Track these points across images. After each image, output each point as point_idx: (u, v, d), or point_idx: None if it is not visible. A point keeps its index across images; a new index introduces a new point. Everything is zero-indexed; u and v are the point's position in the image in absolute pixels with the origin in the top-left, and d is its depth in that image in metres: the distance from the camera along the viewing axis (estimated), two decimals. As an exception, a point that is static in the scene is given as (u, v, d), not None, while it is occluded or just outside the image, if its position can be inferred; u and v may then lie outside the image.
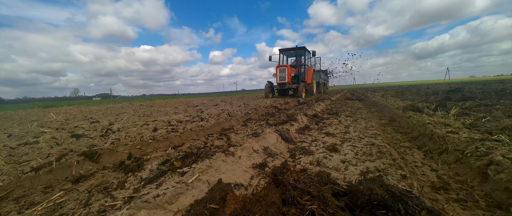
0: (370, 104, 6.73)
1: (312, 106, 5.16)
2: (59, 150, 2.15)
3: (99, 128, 3.29)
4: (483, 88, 9.27)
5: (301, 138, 2.51)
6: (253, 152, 1.77)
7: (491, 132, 2.20)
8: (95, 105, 13.97)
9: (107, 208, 1.13)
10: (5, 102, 57.78)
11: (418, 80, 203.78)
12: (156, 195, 1.06)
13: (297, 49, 12.14)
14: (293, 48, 12.18)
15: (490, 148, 1.65)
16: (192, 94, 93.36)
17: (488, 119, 2.82)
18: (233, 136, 2.54)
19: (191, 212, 0.99)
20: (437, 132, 2.25)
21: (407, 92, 9.99)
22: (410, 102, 5.21)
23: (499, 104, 4.02)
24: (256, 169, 1.53)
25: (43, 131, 3.22)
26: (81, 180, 1.62)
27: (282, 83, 11.20)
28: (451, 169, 1.69)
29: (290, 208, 0.97)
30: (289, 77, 10.99)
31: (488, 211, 1.15)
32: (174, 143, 2.52)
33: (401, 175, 1.35)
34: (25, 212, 1.20)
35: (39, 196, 1.41)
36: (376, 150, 1.88)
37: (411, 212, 0.90)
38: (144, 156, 2.12)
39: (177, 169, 1.48)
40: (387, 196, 0.97)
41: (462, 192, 1.34)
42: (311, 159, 1.78)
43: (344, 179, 1.39)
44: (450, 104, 4.44)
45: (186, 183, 1.18)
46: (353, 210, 1.00)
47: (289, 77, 10.99)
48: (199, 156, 1.69)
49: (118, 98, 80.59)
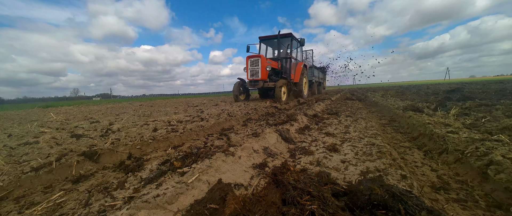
0: (370, 104, 6.73)
1: (312, 106, 5.16)
2: (59, 150, 2.15)
3: (99, 128, 3.29)
4: (483, 88, 9.26)
5: (301, 138, 2.51)
6: (253, 152, 1.77)
7: (491, 132, 2.20)
8: (95, 105, 13.97)
9: (107, 208, 1.13)
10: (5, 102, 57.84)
11: (418, 80, 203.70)
12: (156, 195, 1.06)
13: (280, 36, 9.06)
14: (276, 35, 9.12)
15: (490, 148, 1.65)
16: (192, 94, 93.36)
17: (488, 119, 2.82)
18: (233, 136, 2.54)
19: (191, 212, 0.99)
20: (437, 132, 2.25)
21: (407, 92, 9.99)
22: (410, 102, 5.21)
23: (499, 104, 4.02)
24: (256, 169, 1.53)
25: (43, 131, 3.22)
26: (81, 180, 1.62)
27: (254, 81, 8.06)
28: (451, 169, 1.69)
29: (290, 208, 0.97)
30: (264, 72, 7.86)
31: (488, 211, 1.15)
32: (174, 143, 2.52)
33: (401, 175, 1.35)
34: (25, 212, 1.20)
35: (39, 196, 1.41)
36: (376, 150, 1.88)
37: (411, 212, 0.90)
38: (144, 156, 2.12)
39: (177, 169, 1.48)
40: (387, 196, 0.97)
41: (462, 192, 1.34)
42: (311, 159, 1.78)
43: (344, 179, 1.39)
44: (450, 104, 4.44)
45: (186, 183, 1.18)
46: (353, 210, 1.00)
47: (264, 72, 7.84)
48: (199, 156, 1.69)
49: (118, 98, 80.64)
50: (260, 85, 7.97)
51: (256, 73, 7.97)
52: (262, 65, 7.88)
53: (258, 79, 7.94)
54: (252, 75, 8.09)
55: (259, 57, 7.93)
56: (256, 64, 7.96)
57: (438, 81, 73.83)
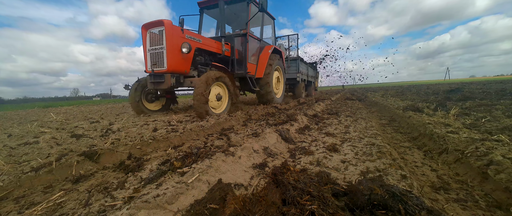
0: (370, 104, 6.73)
1: (312, 106, 5.17)
2: (59, 150, 2.15)
3: (99, 128, 3.29)
4: (483, 88, 9.27)
5: (301, 138, 2.51)
6: (253, 152, 1.77)
7: (491, 132, 2.20)
8: (95, 105, 13.97)
9: (107, 208, 1.13)
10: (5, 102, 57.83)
11: (418, 80, 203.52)
12: (156, 195, 1.06)
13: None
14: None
15: (490, 148, 1.65)
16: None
17: (488, 119, 2.82)
18: (233, 136, 2.54)
19: (191, 212, 0.99)
20: (437, 132, 2.25)
21: (407, 92, 9.99)
22: (410, 102, 5.21)
23: (499, 104, 4.02)
24: (256, 169, 1.54)
25: (43, 131, 3.22)
26: (81, 180, 1.62)
27: (155, 75, 4.12)
28: (451, 169, 1.69)
29: (290, 208, 0.97)
30: (177, 58, 4.11)
31: (488, 211, 1.15)
32: (174, 143, 2.52)
33: (401, 175, 1.36)
34: (25, 212, 1.20)
35: (39, 196, 1.41)
36: (376, 150, 1.88)
37: (411, 212, 0.90)
38: (144, 156, 2.12)
39: (177, 169, 1.48)
40: (387, 196, 0.97)
41: (462, 192, 1.34)
42: (311, 159, 1.78)
43: (344, 179, 1.39)
44: (450, 104, 4.44)
45: (186, 183, 1.18)
46: (353, 210, 1.00)
47: (176, 57, 4.10)
48: (199, 156, 1.69)
49: (118, 98, 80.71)
50: (167, 86, 3.97)
51: (160, 60, 4.05)
52: (171, 43, 3.93)
53: (163, 72, 4.00)
54: (153, 64, 4.11)
55: (163, 26, 3.96)
56: (159, 41, 4.01)
57: (438, 81, 73.87)
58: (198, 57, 4.74)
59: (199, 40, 4.60)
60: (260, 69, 5.97)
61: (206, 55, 4.99)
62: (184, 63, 4.28)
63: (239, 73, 5.41)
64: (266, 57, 6.05)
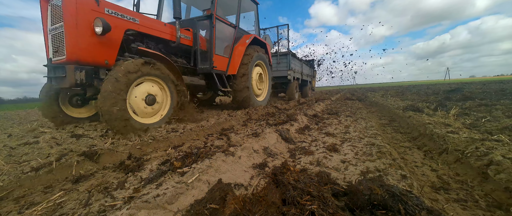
0: (370, 104, 6.73)
1: (312, 106, 5.17)
2: (59, 150, 2.15)
3: (99, 127, 3.29)
4: (483, 88, 9.27)
5: (301, 138, 2.51)
6: (253, 152, 1.77)
7: (491, 132, 2.20)
8: (95, 105, 13.94)
9: (107, 208, 1.13)
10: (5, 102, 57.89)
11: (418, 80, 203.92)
12: (156, 195, 1.06)
13: None
14: None
15: (490, 148, 1.65)
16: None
17: (488, 119, 2.83)
18: (233, 136, 2.54)
19: (191, 212, 0.99)
20: (437, 132, 2.25)
21: (407, 92, 9.99)
22: (410, 102, 5.21)
23: (499, 104, 4.02)
24: (256, 169, 1.54)
25: (43, 131, 3.22)
26: (81, 180, 1.62)
27: (56, 66, 2.83)
28: (451, 169, 1.70)
29: (290, 208, 0.97)
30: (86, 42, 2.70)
31: (488, 211, 1.15)
32: (174, 143, 2.52)
33: (401, 175, 1.36)
34: (25, 212, 1.20)
35: (39, 196, 1.41)
36: (376, 150, 1.88)
37: (411, 212, 0.90)
38: (144, 156, 2.12)
39: (177, 169, 1.48)
40: (387, 196, 0.97)
41: (462, 192, 1.34)
42: (311, 159, 1.78)
43: (344, 179, 1.39)
44: (450, 104, 4.44)
45: (186, 183, 1.18)
46: (353, 210, 1.00)
47: (86, 40, 2.70)
48: (199, 156, 1.69)
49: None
50: (70, 83, 2.68)
51: (61, 46, 2.76)
52: (72, 19, 2.65)
53: (62, 62, 2.78)
54: (54, 52, 2.88)
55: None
56: (60, 17, 2.73)
57: (438, 81, 73.90)
58: (134, 44, 3.35)
59: (133, 19, 3.26)
60: (234, 64, 4.67)
61: (152, 43, 3.69)
62: (101, 49, 2.89)
63: (204, 68, 4.21)
64: (243, 49, 4.80)
